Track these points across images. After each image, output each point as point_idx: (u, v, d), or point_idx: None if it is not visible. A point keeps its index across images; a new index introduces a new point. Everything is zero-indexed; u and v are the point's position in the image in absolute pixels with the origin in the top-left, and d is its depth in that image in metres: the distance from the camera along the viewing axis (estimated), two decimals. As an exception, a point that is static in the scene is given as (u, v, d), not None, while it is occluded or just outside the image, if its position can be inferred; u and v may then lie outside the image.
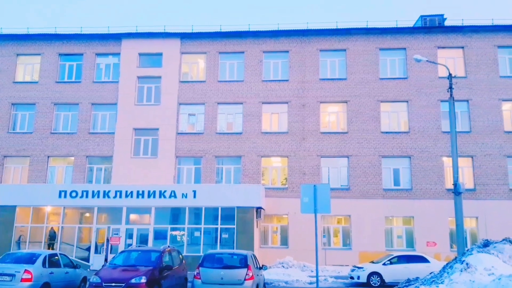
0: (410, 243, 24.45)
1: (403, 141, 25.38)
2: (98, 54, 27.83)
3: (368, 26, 26.78)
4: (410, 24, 27.93)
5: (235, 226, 22.63)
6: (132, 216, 23.73)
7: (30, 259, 13.58)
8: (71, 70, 27.84)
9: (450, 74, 18.05)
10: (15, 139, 26.79)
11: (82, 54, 27.79)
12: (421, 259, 19.01)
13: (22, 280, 12.44)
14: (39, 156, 26.48)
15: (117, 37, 27.76)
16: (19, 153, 26.62)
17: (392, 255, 19.80)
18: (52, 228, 23.75)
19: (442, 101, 25.03)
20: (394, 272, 18.29)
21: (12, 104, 27.36)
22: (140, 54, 27.59)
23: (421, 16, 28.07)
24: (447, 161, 24.74)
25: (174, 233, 23.35)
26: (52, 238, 23.52)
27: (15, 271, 12.60)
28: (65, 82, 27.56)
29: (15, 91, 27.45)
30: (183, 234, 23.15)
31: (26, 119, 27.31)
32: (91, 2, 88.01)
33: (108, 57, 27.93)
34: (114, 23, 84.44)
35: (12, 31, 28.29)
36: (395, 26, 26.63)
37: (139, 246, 18.11)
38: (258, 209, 23.35)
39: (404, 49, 26.44)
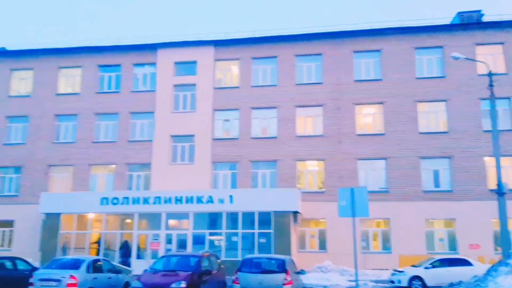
0: (453, 246, 23.77)
1: (443, 142, 24.74)
2: (135, 64, 28.60)
3: (403, 26, 26.31)
4: (447, 21, 27.24)
5: (272, 231, 22.65)
6: (171, 222, 24.18)
7: (75, 264, 14.06)
8: (110, 80, 28.73)
9: (490, 71, 17.52)
10: (59, 149, 27.83)
11: (120, 65, 28.63)
12: (464, 262, 18.50)
13: (68, 285, 12.93)
14: (81, 164, 27.41)
15: (153, 47, 28.44)
16: (63, 162, 27.63)
17: (434, 258, 19.35)
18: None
19: (482, 99, 24.24)
20: (436, 276, 17.87)
21: (55, 115, 28.45)
22: (175, 63, 28.14)
23: (458, 13, 27.34)
24: (489, 161, 23.90)
25: (212, 238, 23.60)
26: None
27: (61, 277, 13.10)
28: (104, 92, 28.46)
29: (58, 103, 28.55)
30: (221, 239, 23.36)
31: (69, 130, 28.34)
32: (125, 13, 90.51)
33: (145, 66, 28.65)
34: (148, 33, 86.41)
35: (53, 45, 29.34)
36: (431, 24, 26.03)
37: (178, 251, 18.42)
38: (295, 213, 23.29)
39: (441, 47, 25.81)
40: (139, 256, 23.74)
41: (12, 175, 28.12)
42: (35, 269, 16.03)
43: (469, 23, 26.32)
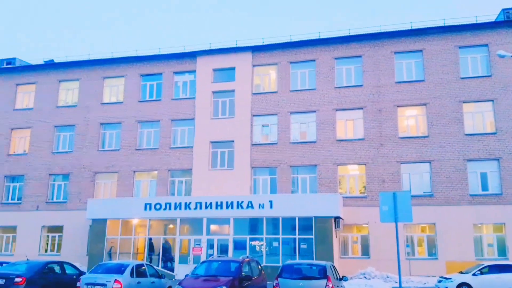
0: (502, 251, 22.72)
1: (490, 143, 23.77)
2: (175, 73, 29.18)
3: (445, 24, 25.54)
4: (491, 18, 26.21)
5: (313, 236, 22.42)
6: (213, 227, 24.39)
7: (119, 269, 14.45)
8: (152, 89, 29.44)
9: (539, 69, 16.69)
10: (104, 157, 28.74)
11: (161, 74, 29.30)
12: (515, 269, 17.63)
13: (113, 289, 13.29)
14: (125, 171, 28.18)
15: (192, 55, 28.93)
16: (108, 169, 28.50)
17: (483, 264, 18.59)
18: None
19: (532, 98, 23.18)
20: (485, 283, 17.19)
21: (100, 124, 29.43)
22: (214, 70, 28.51)
23: (503, 10, 26.27)
24: (542, 163, 22.86)
25: (253, 243, 23.62)
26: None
27: (106, 281, 13.50)
28: (146, 101, 29.18)
29: (103, 112, 29.53)
30: (262, 244, 23.35)
31: (113, 137, 29.22)
32: (164, 22, 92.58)
33: (185, 74, 29.18)
34: (188, 42, 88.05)
35: (98, 56, 30.48)
36: (475, 22, 25.13)
37: (219, 257, 18.56)
38: (336, 218, 22.97)
39: (486, 45, 24.86)
40: (181, 261, 24.06)
41: (61, 182, 29.26)
42: (82, 273, 16.58)
43: (516, 19, 25.23)
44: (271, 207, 23.15)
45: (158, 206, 24.63)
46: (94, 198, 27.86)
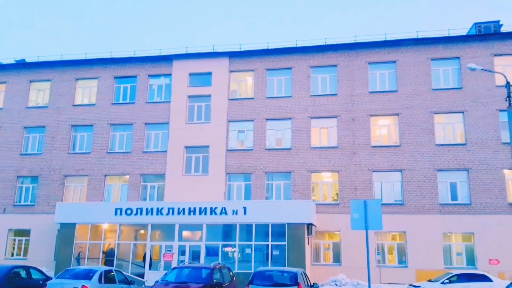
0: (471, 260, 23.20)
1: (460, 154, 24.31)
2: (150, 76, 28.87)
3: (418, 37, 26.11)
4: (463, 32, 26.91)
5: (286, 243, 22.41)
6: (185, 233, 24.13)
7: (87, 275, 14.15)
8: (126, 91, 29.03)
9: (508, 82, 17.22)
10: (75, 159, 28.13)
11: (135, 76, 28.93)
12: (483, 278, 18.05)
13: (80, 295, 12.95)
14: (96, 175, 27.63)
15: (169, 59, 28.70)
16: (78, 172, 27.89)
17: (452, 273, 18.92)
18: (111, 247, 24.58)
19: (500, 110, 23.87)
20: (454, 292, 17.40)
21: (71, 126, 28.81)
22: (190, 74, 28.34)
23: (475, 24, 27.05)
24: (509, 174, 23.50)
25: (225, 249, 23.46)
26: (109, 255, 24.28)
27: (74, 287, 13.15)
28: (120, 103, 28.74)
29: (74, 114, 28.94)
30: (235, 251, 23.21)
31: (84, 140, 28.64)
32: (140, 25, 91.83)
33: (160, 78, 28.90)
34: (164, 45, 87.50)
35: (70, 57, 29.93)
36: (447, 35, 25.77)
37: (190, 263, 18.35)
38: (309, 225, 23.05)
39: (458, 58, 25.51)
40: (152, 267, 23.68)
41: (29, 184, 28.48)
42: (48, 278, 16.15)
43: (487, 33, 25.99)
44: (245, 213, 23.06)
45: (129, 211, 24.21)
46: (63, 201, 27.20)
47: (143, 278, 23.22)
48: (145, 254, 24.02)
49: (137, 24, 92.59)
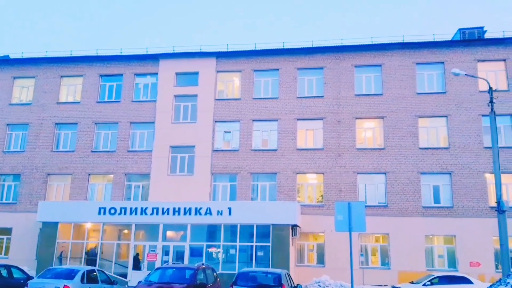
0: (452, 263, 23.53)
1: (443, 157, 24.64)
2: (137, 74, 28.68)
3: (404, 41, 26.40)
4: (448, 38, 27.33)
5: (270, 244, 22.43)
6: (169, 233, 24.00)
7: (69, 274, 14.01)
8: (111, 90, 28.78)
9: (490, 88, 17.51)
10: (58, 158, 27.80)
11: (121, 75, 28.72)
12: (463, 280, 18.34)
13: (62, 295, 12.82)
14: (80, 173, 27.35)
15: (155, 58, 28.55)
16: (62, 171, 27.57)
17: (433, 275, 19.20)
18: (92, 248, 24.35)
19: (483, 115, 24.23)
20: (435, 294, 17.64)
21: (55, 123, 28.47)
22: (177, 74, 28.23)
23: (460, 29, 27.45)
24: (490, 178, 23.82)
25: (210, 250, 23.40)
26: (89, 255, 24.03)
27: (55, 286, 13.05)
28: (105, 102, 28.49)
29: (58, 111, 28.60)
30: (219, 252, 23.17)
31: (68, 138, 28.33)
32: (129, 24, 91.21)
33: (147, 77, 28.73)
34: (152, 44, 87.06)
35: (56, 54, 29.55)
36: (432, 40, 26.12)
37: (174, 263, 18.28)
38: (294, 226, 23.12)
39: (442, 63, 25.85)
40: (135, 267, 23.50)
41: (11, 182, 28.07)
42: (30, 278, 15.99)
43: (471, 39, 26.41)
44: (229, 214, 23.02)
45: (112, 211, 24.00)
46: (45, 200, 26.84)
47: (126, 278, 23.04)
48: (137, 254, 23.74)
49: (136, 24, 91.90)
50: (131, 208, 23.91)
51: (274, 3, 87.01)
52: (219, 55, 27.97)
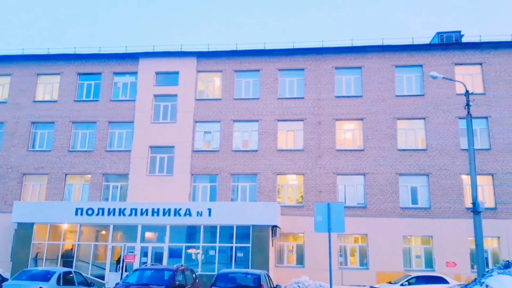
0: (429, 263, 23.87)
1: (421, 159, 25.00)
2: (115, 73, 28.31)
3: (384, 44, 26.70)
4: (427, 41, 27.77)
5: (250, 245, 22.39)
6: (148, 234, 23.72)
7: (45, 276, 13.73)
8: (89, 89, 28.35)
9: (467, 91, 17.84)
10: (34, 157, 27.24)
11: (100, 74, 28.31)
12: (440, 280, 18.63)
13: (37, 297, 12.53)
14: (57, 173, 26.84)
15: (135, 57, 28.23)
16: (38, 171, 27.02)
17: (411, 275, 19.44)
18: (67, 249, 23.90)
19: (460, 118, 24.66)
20: (412, 293, 17.86)
21: (32, 122, 27.90)
22: (157, 73, 27.96)
23: (438, 33, 27.91)
24: (467, 179, 24.24)
25: (189, 251, 23.21)
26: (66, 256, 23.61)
27: (30, 289, 12.70)
28: (83, 100, 28.05)
29: (35, 110, 28.03)
30: (198, 253, 23.01)
31: (45, 138, 27.78)
32: (108, 22, 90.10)
33: (126, 76, 28.38)
34: (131, 43, 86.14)
35: (32, 52, 28.99)
36: (411, 43, 26.48)
37: (152, 265, 18.08)
38: (274, 227, 23.13)
39: (421, 66, 26.24)
40: (113, 269, 23.16)
41: (-15, 182, 27.36)
42: (5, 279, 15.65)
43: (449, 43, 26.91)
44: (209, 215, 22.89)
45: (90, 211, 23.61)
46: (21, 200, 26.28)
47: (103, 280, 22.69)
48: (119, 257, 23.28)
49: (116, 23, 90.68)
50: (109, 209, 23.56)
51: (258, 3, 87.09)
52: (199, 54, 27.82)
